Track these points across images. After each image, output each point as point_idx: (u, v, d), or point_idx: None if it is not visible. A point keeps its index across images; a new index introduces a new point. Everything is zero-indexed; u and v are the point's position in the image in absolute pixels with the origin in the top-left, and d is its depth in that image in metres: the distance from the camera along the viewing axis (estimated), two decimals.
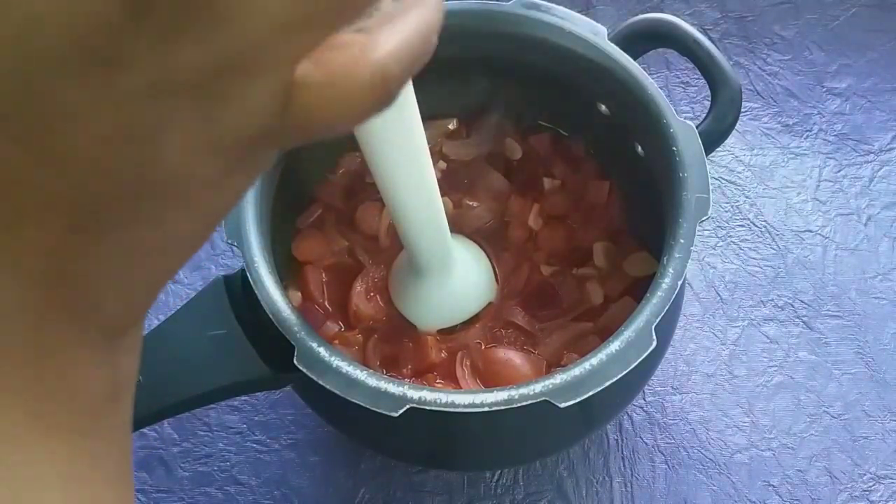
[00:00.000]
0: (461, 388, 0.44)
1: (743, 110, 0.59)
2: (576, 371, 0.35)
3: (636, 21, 0.45)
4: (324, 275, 0.48)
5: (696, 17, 0.65)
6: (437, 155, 0.51)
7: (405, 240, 0.41)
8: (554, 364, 0.45)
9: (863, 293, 0.55)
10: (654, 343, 0.36)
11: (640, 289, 0.40)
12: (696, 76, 0.61)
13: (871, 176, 0.59)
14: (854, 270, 0.55)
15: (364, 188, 0.51)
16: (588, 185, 0.50)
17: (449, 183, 0.49)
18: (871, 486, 0.49)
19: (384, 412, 0.35)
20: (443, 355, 0.45)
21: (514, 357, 0.45)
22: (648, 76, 0.43)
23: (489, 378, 0.45)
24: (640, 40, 0.45)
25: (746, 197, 0.58)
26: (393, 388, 0.35)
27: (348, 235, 0.50)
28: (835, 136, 0.60)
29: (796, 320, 0.54)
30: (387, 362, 0.46)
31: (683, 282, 0.39)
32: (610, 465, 0.50)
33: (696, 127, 0.41)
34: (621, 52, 0.43)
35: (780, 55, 0.63)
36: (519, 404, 0.35)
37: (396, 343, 0.46)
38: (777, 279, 0.55)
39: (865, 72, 0.62)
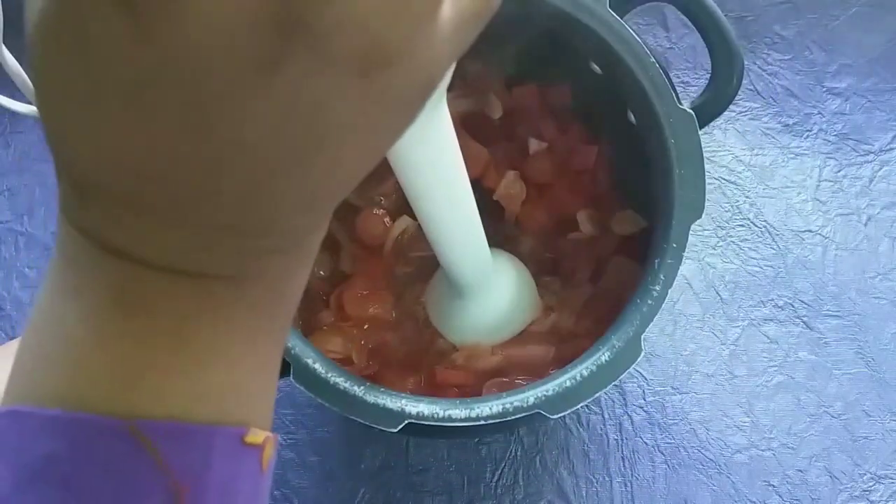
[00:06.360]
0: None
1: (743, 110, 0.59)
2: (567, 383, 0.36)
3: None
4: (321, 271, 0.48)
5: None
6: None
7: (443, 259, 0.39)
8: (566, 334, 0.45)
9: (863, 293, 0.55)
10: (643, 353, 0.37)
11: (629, 245, 0.40)
12: (696, 76, 0.61)
13: (871, 176, 0.59)
14: (854, 270, 0.55)
15: (361, 184, 0.50)
16: (575, 151, 0.48)
17: None
18: (871, 486, 0.49)
19: (383, 428, 0.36)
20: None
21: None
22: (650, 55, 0.40)
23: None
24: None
25: (746, 197, 0.58)
26: (391, 403, 0.36)
27: (343, 241, 0.49)
28: (835, 135, 0.60)
29: (796, 320, 0.54)
30: (376, 355, 0.46)
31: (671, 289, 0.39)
32: (610, 465, 0.50)
33: (699, 96, 0.40)
34: (623, 23, 0.40)
35: (780, 55, 0.63)
36: (513, 417, 0.36)
37: (388, 335, 0.46)
38: (777, 279, 0.55)
39: (865, 72, 0.62)
